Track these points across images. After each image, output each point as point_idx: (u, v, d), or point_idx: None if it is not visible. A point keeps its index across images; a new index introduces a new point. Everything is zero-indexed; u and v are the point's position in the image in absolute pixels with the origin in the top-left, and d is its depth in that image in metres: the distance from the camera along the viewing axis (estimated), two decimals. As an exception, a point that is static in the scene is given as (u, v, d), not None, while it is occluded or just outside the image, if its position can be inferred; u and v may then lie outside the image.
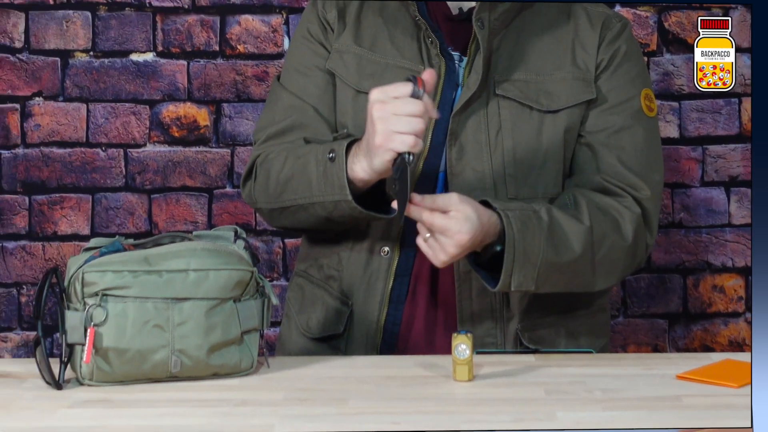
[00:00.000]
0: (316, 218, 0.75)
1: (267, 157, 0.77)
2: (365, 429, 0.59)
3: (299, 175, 0.73)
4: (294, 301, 0.81)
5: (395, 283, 0.75)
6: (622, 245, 0.75)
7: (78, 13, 1.04)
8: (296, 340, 0.80)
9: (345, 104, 0.77)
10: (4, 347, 1.07)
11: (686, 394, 0.65)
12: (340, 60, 0.78)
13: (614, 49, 0.78)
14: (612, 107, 0.77)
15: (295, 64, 0.80)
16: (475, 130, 0.75)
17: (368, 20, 0.78)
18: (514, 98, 0.75)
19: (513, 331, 0.76)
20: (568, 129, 0.76)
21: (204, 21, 1.05)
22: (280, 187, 0.75)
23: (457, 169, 0.75)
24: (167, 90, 1.05)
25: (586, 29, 0.78)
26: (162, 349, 0.66)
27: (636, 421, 0.61)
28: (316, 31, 0.79)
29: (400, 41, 0.77)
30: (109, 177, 1.05)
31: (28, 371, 0.68)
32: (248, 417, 0.61)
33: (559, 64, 0.77)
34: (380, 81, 0.75)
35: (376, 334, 0.76)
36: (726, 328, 1.09)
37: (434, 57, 0.76)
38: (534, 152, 0.76)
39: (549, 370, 0.69)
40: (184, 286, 0.66)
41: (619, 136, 0.77)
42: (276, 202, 0.76)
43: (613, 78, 0.77)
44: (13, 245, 1.05)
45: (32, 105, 1.05)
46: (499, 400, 0.64)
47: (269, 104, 0.80)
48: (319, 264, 0.79)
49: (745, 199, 1.08)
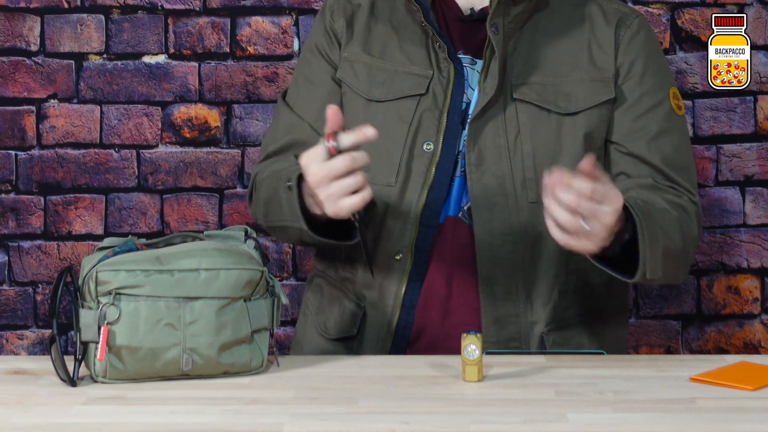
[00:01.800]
0: (299, 240, 0.76)
1: (261, 177, 0.78)
2: (375, 428, 0.59)
3: (274, 198, 0.74)
4: (312, 300, 0.81)
5: (408, 288, 0.75)
6: (693, 236, 0.74)
7: (92, 16, 1.05)
8: (313, 339, 0.80)
9: (356, 113, 0.76)
10: (21, 344, 1.08)
11: (700, 397, 0.64)
12: (350, 69, 0.78)
13: (635, 52, 0.76)
14: (646, 112, 0.76)
15: (301, 78, 0.80)
16: (494, 135, 0.74)
17: (377, 29, 0.78)
18: (531, 102, 0.75)
19: (538, 336, 0.75)
20: (588, 131, 0.75)
21: (215, 23, 1.06)
22: (264, 208, 0.76)
23: (477, 174, 0.74)
24: (179, 91, 1.06)
25: (602, 27, 0.77)
26: (174, 348, 0.66)
27: (648, 423, 0.60)
28: (321, 43, 0.79)
29: (408, 48, 0.76)
30: (122, 177, 1.06)
31: (43, 368, 0.69)
32: (258, 415, 0.61)
33: (576, 65, 0.76)
34: (391, 88, 0.75)
35: (387, 337, 0.76)
36: (741, 330, 1.07)
37: (443, 61, 0.75)
38: (554, 155, 0.75)
39: (559, 371, 0.69)
40: (196, 285, 0.66)
41: (659, 141, 0.75)
42: (265, 221, 0.77)
43: (643, 83, 0.76)
44: (29, 245, 1.06)
45: (47, 107, 1.06)
46: (508, 401, 0.63)
47: (273, 121, 0.81)
48: (335, 266, 0.79)
49: (760, 198, 1.06)
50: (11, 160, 1.06)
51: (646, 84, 0.76)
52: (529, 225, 0.74)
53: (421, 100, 0.75)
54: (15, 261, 1.06)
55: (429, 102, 0.75)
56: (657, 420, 0.60)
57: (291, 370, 0.69)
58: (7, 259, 1.06)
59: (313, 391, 0.65)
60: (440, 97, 0.75)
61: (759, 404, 0.62)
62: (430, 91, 0.75)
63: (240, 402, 0.63)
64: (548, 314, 0.75)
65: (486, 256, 0.74)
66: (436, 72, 0.75)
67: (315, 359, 0.72)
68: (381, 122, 0.74)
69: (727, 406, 0.62)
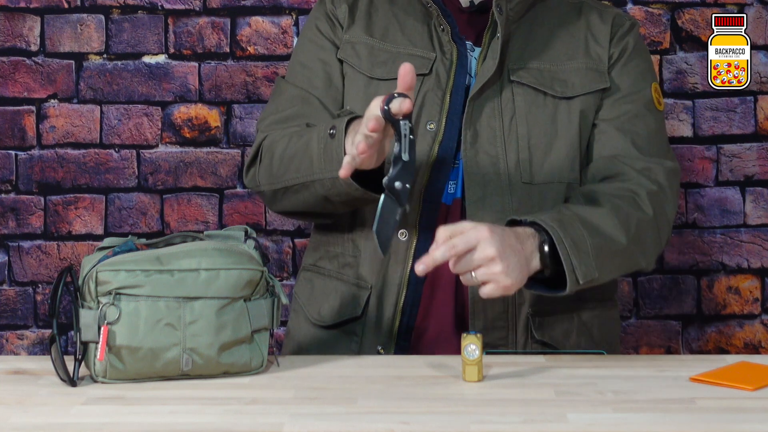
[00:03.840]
0: (315, 198, 0.74)
1: (272, 140, 0.77)
2: (374, 428, 0.58)
3: (302, 153, 0.73)
4: (301, 294, 0.81)
5: (413, 266, 0.73)
6: (646, 218, 0.73)
7: (92, 16, 1.05)
8: (305, 329, 0.79)
9: (357, 91, 0.77)
10: (21, 344, 1.08)
11: (700, 397, 0.64)
12: (351, 50, 0.78)
13: (625, 43, 0.79)
14: (625, 96, 0.78)
15: (301, 60, 0.80)
16: (490, 116, 0.75)
17: (378, 12, 0.79)
18: (528, 84, 0.76)
19: (524, 319, 0.76)
20: (582, 116, 0.77)
21: (215, 23, 1.05)
22: (283, 167, 0.75)
23: (471, 153, 0.74)
24: (179, 91, 1.06)
25: (598, 24, 0.80)
26: (174, 348, 0.66)
27: (648, 423, 0.60)
28: (324, 26, 0.80)
29: (410, 30, 0.77)
30: (122, 177, 1.06)
31: (43, 368, 0.69)
32: (258, 415, 0.61)
33: (572, 55, 0.78)
34: (393, 68, 0.75)
35: (395, 317, 0.75)
36: (741, 330, 1.07)
37: (446, 44, 0.76)
38: (548, 138, 0.75)
39: (559, 371, 0.69)
40: (196, 285, 0.66)
41: (633, 122, 0.78)
42: (279, 182, 0.76)
43: (626, 69, 0.78)
44: (29, 245, 1.06)
45: (47, 107, 1.06)
46: (508, 401, 0.63)
47: (273, 97, 0.81)
48: (332, 254, 0.79)
49: (761, 198, 1.06)
50: (11, 160, 1.06)
51: (629, 72, 0.78)
52: (521, 205, 0.74)
53: (425, 80, 0.75)
54: (15, 261, 1.06)
55: (432, 82, 0.75)
56: (657, 420, 0.60)
57: (291, 370, 0.69)
58: (7, 259, 1.06)
59: (313, 391, 0.65)
60: (443, 77, 0.76)
61: (759, 404, 0.62)
62: (434, 71, 0.75)
63: (240, 402, 0.63)
64: (535, 296, 0.75)
65: None
66: (439, 54, 0.76)
67: (315, 359, 0.72)
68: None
69: (727, 406, 0.62)
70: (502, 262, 0.66)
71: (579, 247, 0.69)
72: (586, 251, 0.69)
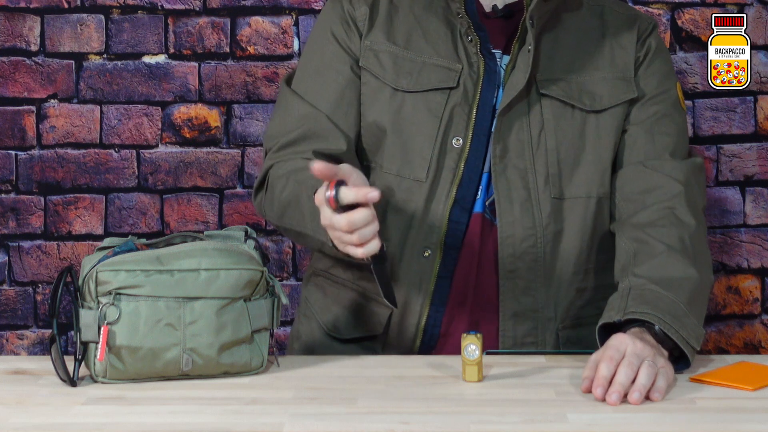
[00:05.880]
0: (317, 249, 0.74)
1: (276, 174, 0.75)
2: (374, 428, 0.59)
3: (295, 203, 0.71)
4: (314, 301, 0.80)
5: (437, 285, 0.74)
6: (691, 231, 0.72)
7: (92, 16, 1.05)
8: (319, 338, 0.78)
9: (383, 103, 0.75)
10: (21, 344, 1.08)
11: (700, 397, 0.64)
12: (374, 58, 0.75)
13: (648, 45, 0.78)
14: (652, 97, 0.77)
15: (313, 66, 0.77)
16: (518, 129, 0.74)
17: (398, 17, 0.76)
18: (557, 97, 0.75)
19: (553, 332, 0.75)
20: (612, 129, 0.76)
21: (215, 23, 1.05)
22: (281, 209, 0.74)
23: (500, 168, 0.73)
24: (179, 91, 1.06)
25: (622, 29, 0.78)
26: (174, 348, 0.66)
27: (648, 423, 0.60)
28: (339, 31, 0.76)
29: (434, 39, 0.75)
30: (122, 177, 1.06)
31: (43, 368, 0.69)
32: (258, 415, 0.61)
33: (598, 65, 0.77)
34: (418, 79, 0.74)
35: (416, 336, 0.75)
36: (741, 330, 1.07)
37: (473, 56, 0.74)
38: (577, 151, 0.75)
39: (560, 372, 0.69)
40: (196, 285, 0.66)
41: (662, 122, 0.76)
42: (279, 221, 0.75)
43: (650, 71, 0.77)
44: (29, 245, 1.06)
45: (47, 107, 1.06)
46: (508, 401, 0.63)
47: (280, 110, 0.78)
48: (346, 263, 0.77)
49: (761, 198, 1.06)
50: (11, 160, 1.06)
51: (653, 72, 0.77)
52: (551, 220, 0.74)
53: (452, 94, 0.74)
54: (15, 261, 1.06)
55: (459, 96, 0.74)
56: (657, 420, 0.60)
57: (291, 370, 0.69)
58: (7, 259, 1.06)
59: (313, 391, 0.65)
60: (470, 91, 0.74)
61: (759, 404, 0.62)
62: (461, 85, 0.74)
63: (240, 402, 0.63)
64: (565, 311, 0.75)
65: (508, 250, 0.73)
66: (466, 66, 0.74)
67: (315, 359, 0.72)
68: (410, 114, 0.74)
69: (727, 406, 0.62)
70: (662, 378, 0.63)
71: (674, 313, 0.66)
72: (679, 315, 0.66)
